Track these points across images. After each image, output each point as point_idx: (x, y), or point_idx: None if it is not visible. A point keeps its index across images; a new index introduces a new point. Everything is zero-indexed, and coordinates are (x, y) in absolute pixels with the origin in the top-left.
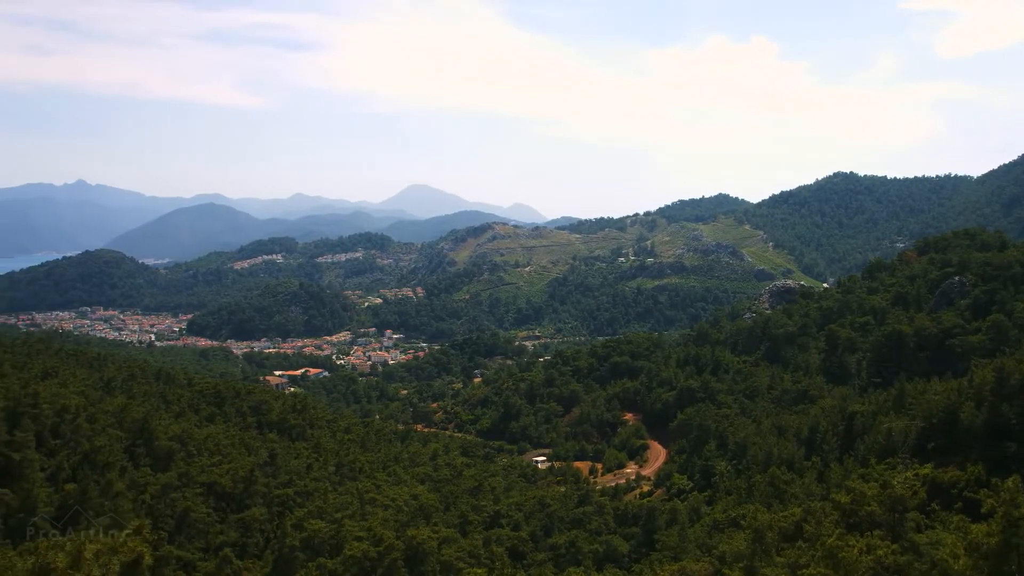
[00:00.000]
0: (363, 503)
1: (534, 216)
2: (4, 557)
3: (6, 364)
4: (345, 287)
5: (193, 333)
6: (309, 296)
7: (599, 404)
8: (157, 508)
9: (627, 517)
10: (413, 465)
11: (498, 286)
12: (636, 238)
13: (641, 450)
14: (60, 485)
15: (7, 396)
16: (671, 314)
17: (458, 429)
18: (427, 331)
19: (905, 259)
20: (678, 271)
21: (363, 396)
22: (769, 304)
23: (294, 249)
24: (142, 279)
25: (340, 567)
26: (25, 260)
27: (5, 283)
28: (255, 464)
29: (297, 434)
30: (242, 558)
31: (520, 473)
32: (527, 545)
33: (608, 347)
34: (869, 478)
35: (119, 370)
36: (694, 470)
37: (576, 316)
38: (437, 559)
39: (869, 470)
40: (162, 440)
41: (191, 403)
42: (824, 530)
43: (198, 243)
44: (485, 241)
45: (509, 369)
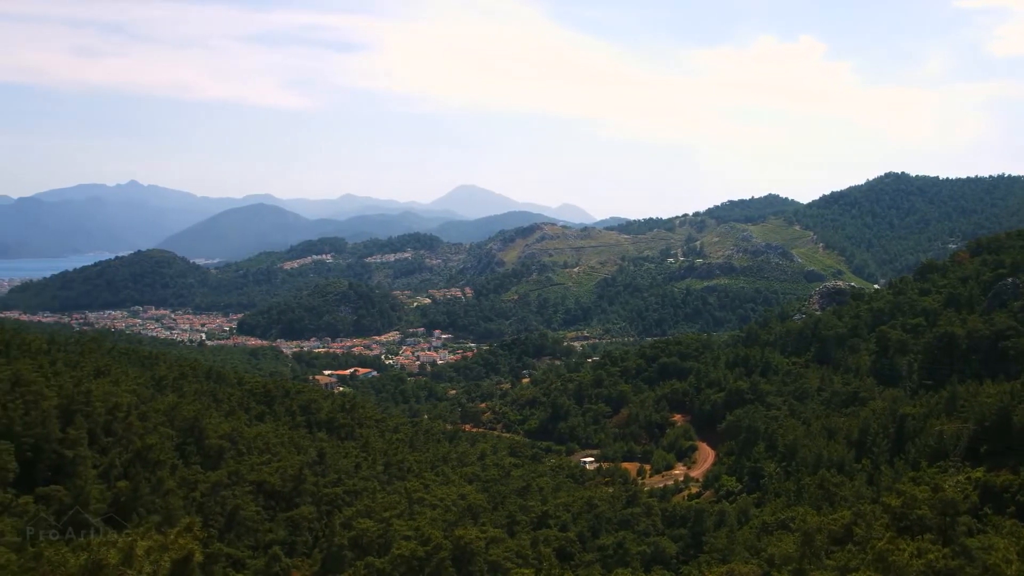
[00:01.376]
0: (411, 502)
1: (583, 216)
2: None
3: (60, 362)
4: (394, 287)
5: (243, 332)
6: (358, 296)
7: (648, 405)
8: (207, 506)
9: (675, 519)
10: (461, 465)
11: (546, 286)
12: (685, 239)
13: (690, 451)
14: (112, 482)
15: (61, 394)
16: (720, 315)
17: (506, 429)
18: (476, 331)
19: (957, 260)
20: (727, 272)
21: (412, 396)
22: (819, 305)
23: (343, 249)
24: (193, 279)
25: (388, 566)
26: (78, 260)
27: (59, 283)
28: (304, 463)
29: (346, 433)
30: (291, 556)
31: (568, 474)
32: (575, 546)
33: (657, 348)
34: (920, 481)
35: (170, 369)
36: (743, 472)
37: (625, 317)
38: (485, 559)
39: (920, 473)
40: (212, 438)
41: (241, 402)
42: (874, 533)
43: (248, 243)
44: (534, 241)
45: (557, 370)
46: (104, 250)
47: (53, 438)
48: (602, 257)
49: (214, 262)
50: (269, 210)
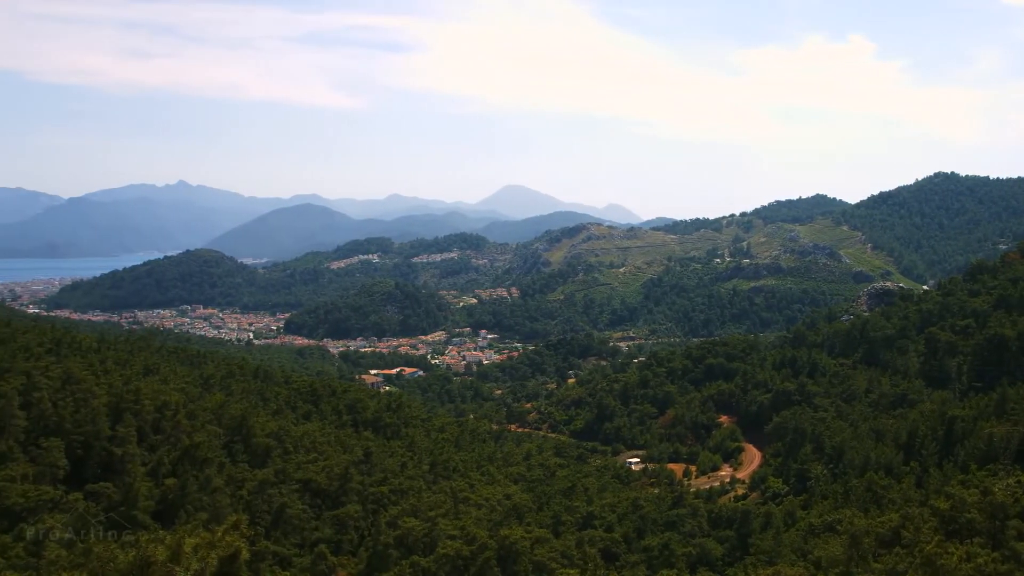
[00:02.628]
0: (457, 502)
1: (629, 217)
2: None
3: (109, 361)
4: (440, 287)
5: (290, 332)
6: (405, 296)
7: (694, 406)
8: (254, 504)
9: (721, 520)
10: (507, 465)
11: (592, 287)
12: (732, 239)
13: (736, 453)
14: (160, 480)
15: (110, 392)
16: (767, 316)
17: (552, 429)
18: (521, 331)
19: (1008, 261)
20: (774, 272)
21: (457, 396)
22: (867, 306)
23: (390, 249)
24: (241, 278)
25: (433, 565)
26: (127, 259)
27: (108, 282)
28: (350, 462)
29: (392, 433)
30: (337, 554)
31: (613, 474)
32: (620, 547)
33: (703, 349)
34: (969, 484)
35: (218, 367)
36: (790, 474)
37: (671, 317)
38: (530, 559)
39: (969, 476)
40: (259, 437)
41: (288, 401)
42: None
43: (296, 243)
44: (580, 242)
45: (603, 370)
46: (153, 250)
47: (103, 436)
48: (648, 257)
49: (262, 262)
50: (316, 210)
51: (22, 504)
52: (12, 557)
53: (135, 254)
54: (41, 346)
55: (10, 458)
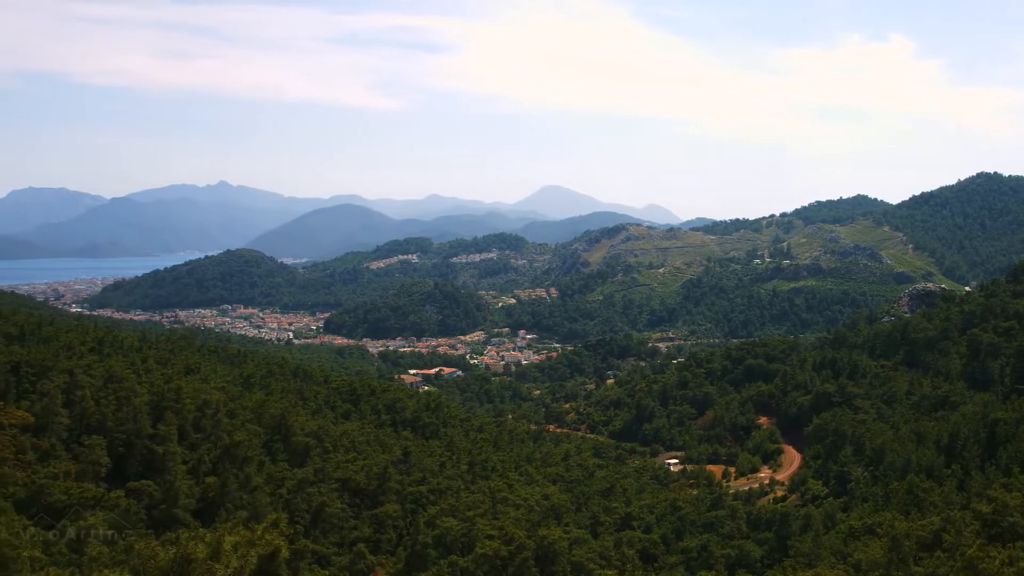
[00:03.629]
0: (495, 502)
1: (668, 217)
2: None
3: (151, 360)
4: (479, 287)
5: (330, 331)
6: (444, 296)
7: (733, 407)
8: (293, 502)
9: (760, 522)
10: (545, 465)
11: (631, 287)
12: (772, 239)
13: (775, 454)
14: (201, 478)
15: (152, 391)
16: (807, 317)
17: (590, 430)
18: (560, 332)
19: None
20: (815, 273)
21: (496, 396)
22: (908, 307)
23: (429, 249)
24: (281, 278)
25: (471, 565)
26: (169, 259)
27: (150, 281)
28: (389, 461)
29: (431, 432)
30: (375, 553)
31: (652, 475)
32: (658, 548)
33: (742, 349)
34: (1012, 487)
35: (258, 367)
36: (829, 476)
37: (710, 318)
38: (568, 559)
39: (1012, 479)
40: (299, 436)
41: (327, 400)
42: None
43: (335, 243)
44: (619, 242)
45: (642, 371)
46: (194, 249)
47: (144, 434)
48: (687, 258)
49: (301, 262)
50: (356, 210)
51: (64, 501)
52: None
53: (176, 254)
54: (84, 345)
55: (53, 455)
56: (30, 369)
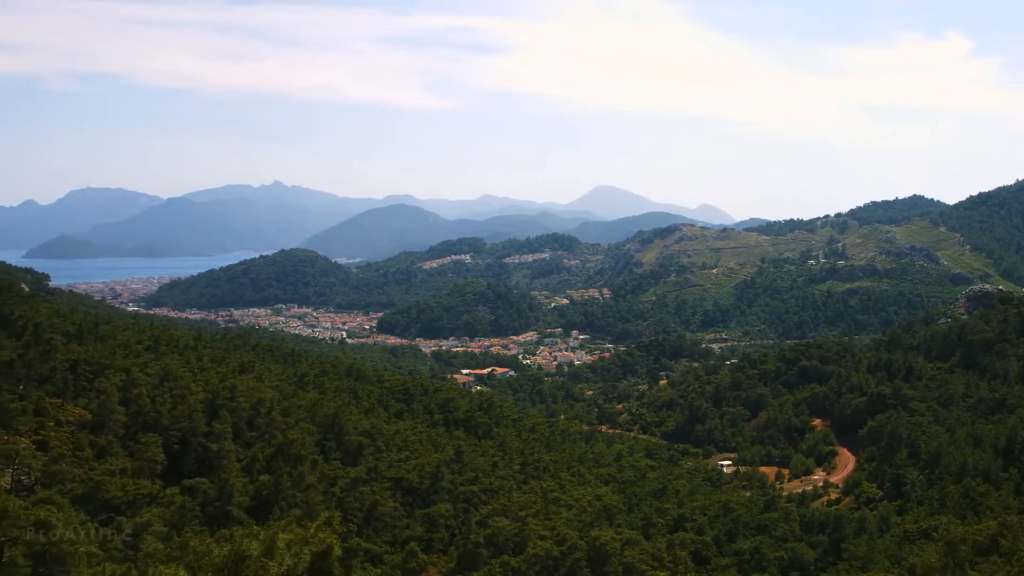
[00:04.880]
0: (547, 502)
1: (722, 217)
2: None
3: (206, 358)
4: (532, 287)
5: (383, 331)
6: (496, 296)
7: (787, 409)
8: (346, 501)
9: (814, 524)
10: (597, 466)
11: (684, 288)
12: (826, 240)
13: (829, 456)
14: (255, 476)
15: (207, 389)
16: (862, 318)
17: (643, 431)
18: (613, 332)
19: None
20: (870, 274)
21: (548, 396)
22: (965, 309)
23: (482, 249)
24: (335, 278)
25: (523, 565)
26: (224, 259)
27: (205, 281)
28: (441, 460)
29: (483, 432)
30: (427, 553)
31: (705, 477)
32: (711, 550)
33: (797, 351)
34: None
35: (312, 366)
36: (884, 479)
37: (764, 319)
38: (620, 560)
39: None
40: (352, 435)
41: (380, 399)
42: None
43: (389, 243)
44: (672, 242)
45: (695, 371)
46: (249, 249)
47: (199, 432)
48: (741, 258)
49: (355, 261)
50: (409, 210)
51: (120, 498)
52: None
53: (231, 253)
54: (140, 343)
55: (110, 453)
56: (88, 367)
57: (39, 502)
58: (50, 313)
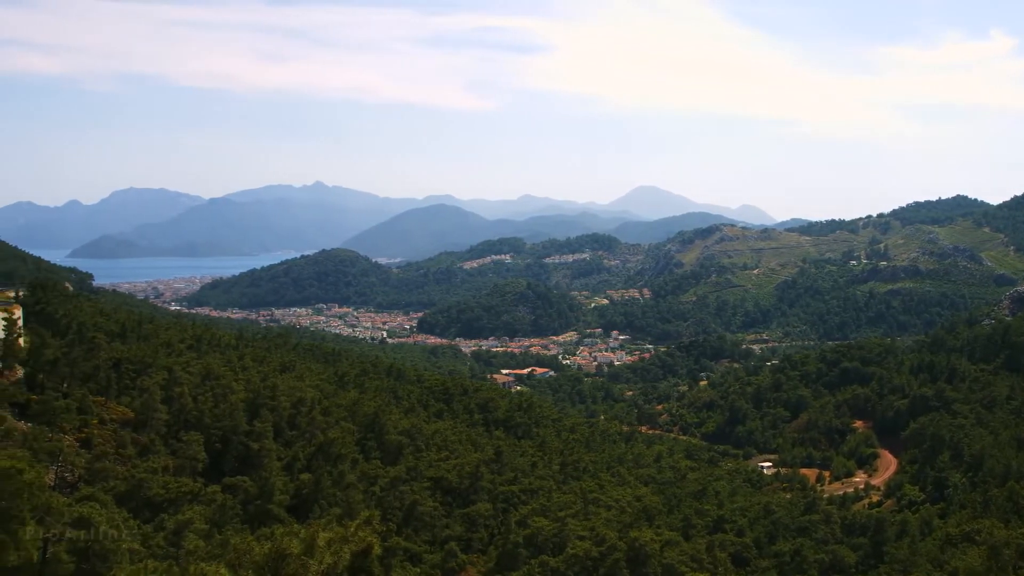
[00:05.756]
0: (586, 502)
1: (762, 218)
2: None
3: (247, 357)
4: (572, 287)
5: (423, 331)
6: (536, 296)
7: (828, 410)
8: (386, 500)
9: (855, 527)
10: (637, 466)
11: (725, 288)
12: (868, 240)
13: (871, 459)
14: (295, 474)
15: (248, 388)
16: (904, 319)
17: (683, 432)
18: (653, 332)
19: None
20: (912, 275)
21: (588, 396)
22: (1010, 311)
23: (522, 249)
24: (375, 277)
25: (562, 565)
26: (265, 259)
27: (247, 280)
28: (481, 460)
29: (523, 432)
30: (467, 552)
31: (745, 478)
32: (751, 551)
33: (838, 352)
34: None
35: (352, 365)
36: (926, 481)
37: (805, 320)
38: (659, 561)
39: None
40: (392, 434)
41: (420, 399)
42: None
43: (429, 243)
44: (712, 243)
45: (736, 372)
46: (290, 249)
47: (240, 430)
48: (782, 259)
49: (396, 261)
50: (449, 210)
51: (163, 495)
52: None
53: (272, 253)
54: (182, 342)
55: (152, 450)
56: (131, 365)
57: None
58: (94, 312)
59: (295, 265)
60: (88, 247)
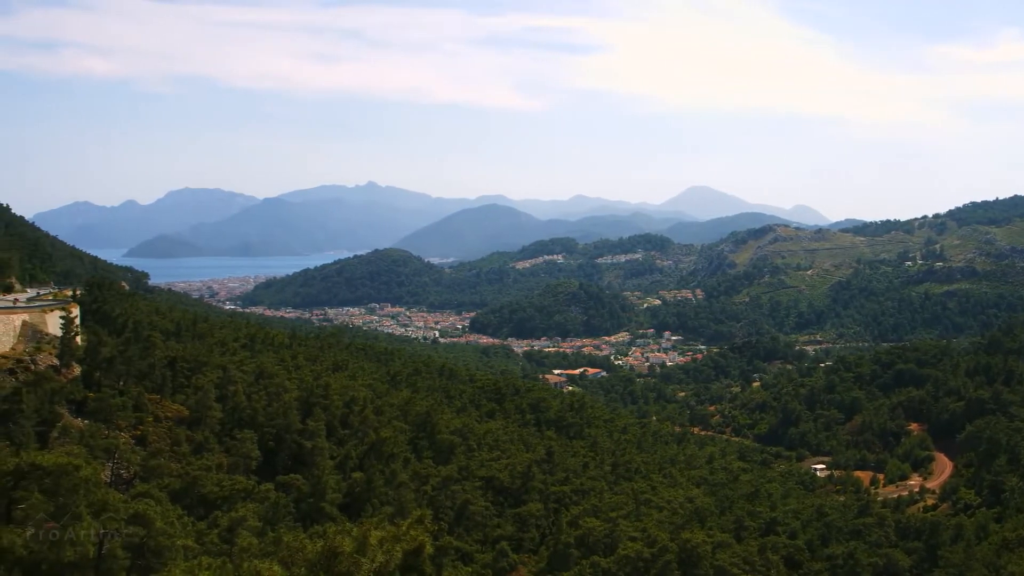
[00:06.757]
0: (638, 503)
1: (816, 218)
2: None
3: (300, 357)
4: (624, 288)
5: (475, 330)
6: (588, 296)
7: (882, 412)
8: (438, 499)
9: (909, 531)
10: (689, 468)
11: (778, 289)
12: (924, 241)
13: (925, 462)
14: (348, 473)
15: (301, 387)
16: (960, 321)
17: (735, 433)
18: (705, 333)
19: None
20: (968, 276)
21: (640, 397)
22: None
23: (574, 250)
24: (428, 277)
25: (614, 566)
26: (319, 258)
27: (300, 280)
28: (533, 460)
29: (574, 432)
30: (518, 552)
31: (798, 480)
32: (803, 554)
33: (892, 354)
34: None
35: (405, 365)
36: (982, 485)
37: (859, 321)
38: (711, 563)
39: None
40: (444, 434)
41: (472, 399)
42: None
43: (481, 243)
44: (766, 243)
45: (789, 374)
46: (343, 249)
47: (293, 429)
48: (836, 260)
49: (448, 261)
50: (502, 211)
51: (216, 493)
52: (207, 543)
53: (325, 253)
54: (236, 341)
55: (207, 448)
56: (185, 364)
57: (138, 496)
58: (149, 311)
59: (348, 265)
60: (144, 247)
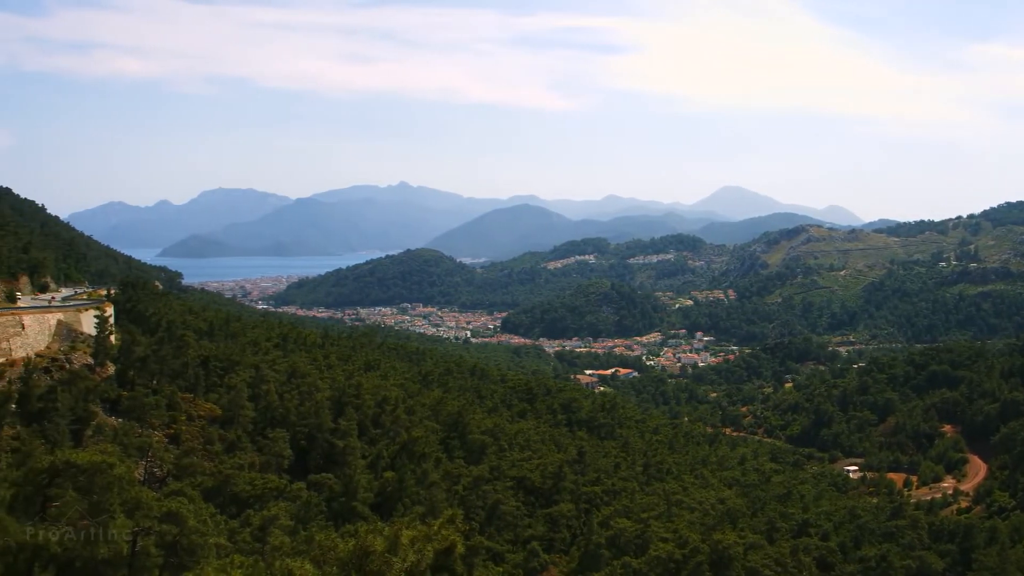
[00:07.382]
0: (670, 504)
1: (849, 218)
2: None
3: (332, 356)
4: (656, 288)
5: (507, 330)
6: (620, 296)
7: (916, 414)
8: (469, 499)
9: (943, 533)
10: (721, 468)
11: (811, 289)
12: (958, 242)
13: (959, 464)
14: (379, 473)
15: (333, 386)
16: (995, 322)
17: (767, 434)
18: (737, 334)
19: None
20: (1003, 276)
21: (672, 397)
22: None
23: (606, 250)
24: (459, 277)
25: (645, 567)
26: (351, 258)
27: (333, 280)
28: (564, 461)
29: (606, 433)
30: (549, 552)
31: (830, 482)
32: (835, 556)
33: (926, 355)
34: None
35: (436, 365)
36: (1017, 488)
37: (892, 322)
38: (743, 565)
39: None
40: (475, 433)
41: (504, 399)
42: None
43: (513, 243)
44: (798, 244)
45: (821, 375)
46: (375, 249)
47: (325, 428)
48: (869, 260)
49: (480, 261)
50: (533, 211)
51: (249, 491)
52: (239, 541)
53: (358, 253)
54: (269, 341)
55: (239, 447)
56: (218, 363)
57: (171, 494)
58: (183, 310)
59: (380, 265)
60: (177, 246)
